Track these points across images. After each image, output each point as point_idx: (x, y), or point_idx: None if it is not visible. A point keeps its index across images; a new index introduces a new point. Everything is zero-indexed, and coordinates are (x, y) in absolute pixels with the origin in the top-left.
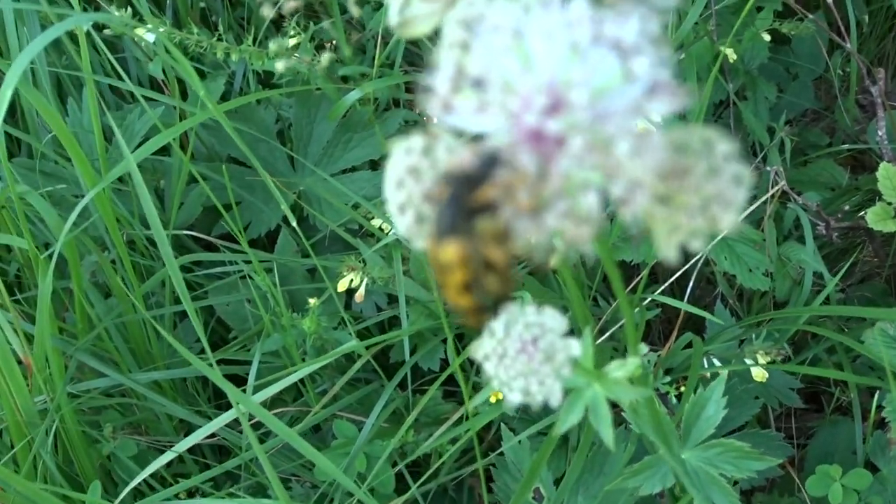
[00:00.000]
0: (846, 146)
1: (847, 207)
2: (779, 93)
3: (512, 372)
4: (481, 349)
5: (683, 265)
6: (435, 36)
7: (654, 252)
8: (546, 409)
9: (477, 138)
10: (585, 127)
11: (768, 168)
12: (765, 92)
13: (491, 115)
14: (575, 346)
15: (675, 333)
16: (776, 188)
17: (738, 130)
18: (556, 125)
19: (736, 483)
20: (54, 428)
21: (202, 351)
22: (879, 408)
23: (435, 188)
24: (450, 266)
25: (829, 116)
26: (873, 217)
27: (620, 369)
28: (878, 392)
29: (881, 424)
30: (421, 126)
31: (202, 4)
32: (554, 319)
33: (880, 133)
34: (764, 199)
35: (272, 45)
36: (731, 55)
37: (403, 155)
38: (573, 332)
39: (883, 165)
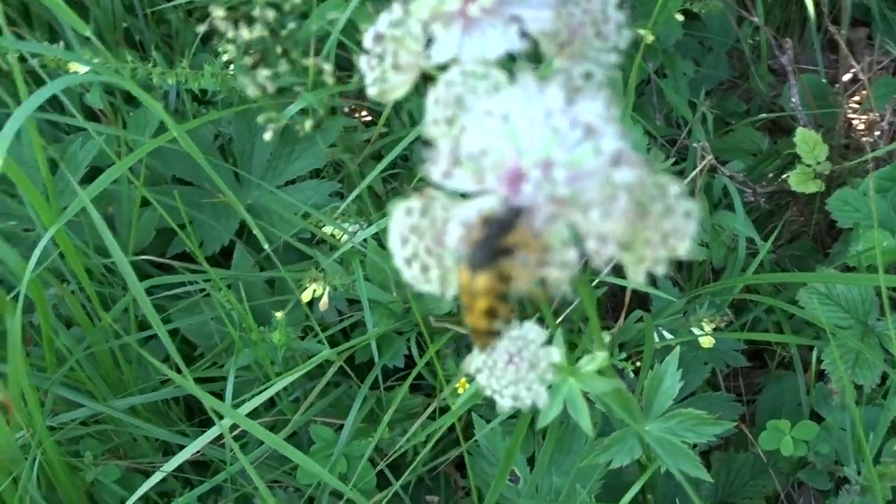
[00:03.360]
0: (763, 115)
1: (770, 173)
2: (696, 67)
3: (503, 381)
4: (473, 363)
5: None
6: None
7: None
8: None
9: (467, 197)
10: (567, 197)
11: (695, 144)
12: (682, 68)
13: (487, 181)
14: (555, 354)
15: (624, 311)
16: (704, 163)
17: (661, 106)
18: (543, 197)
19: (695, 446)
20: (37, 462)
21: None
22: (819, 361)
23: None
24: (479, 293)
25: (745, 84)
26: (796, 180)
27: (591, 363)
28: (815, 346)
29: (821, 376)
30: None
31: (125, 24)
32: (534, 332)
33: (794, 100)
34: (693, 174)
35: (207, 68)
36: (649, 37)
37: (404, 215)
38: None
39: (799, 130)
